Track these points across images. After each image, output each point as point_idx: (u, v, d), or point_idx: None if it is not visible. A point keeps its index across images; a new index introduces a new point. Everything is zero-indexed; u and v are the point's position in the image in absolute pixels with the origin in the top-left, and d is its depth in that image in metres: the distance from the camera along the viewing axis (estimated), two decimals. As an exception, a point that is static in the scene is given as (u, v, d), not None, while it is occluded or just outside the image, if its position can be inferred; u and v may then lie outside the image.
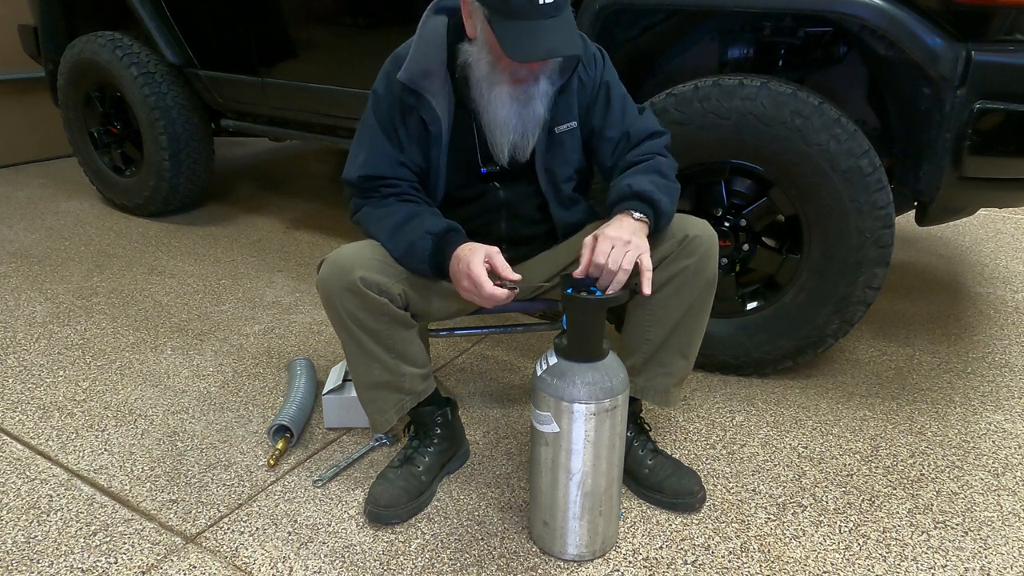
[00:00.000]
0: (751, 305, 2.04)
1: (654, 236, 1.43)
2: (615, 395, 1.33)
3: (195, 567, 1.43)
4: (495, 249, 1.37)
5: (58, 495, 1.63)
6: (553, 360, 1.34)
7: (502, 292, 1.33)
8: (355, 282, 1.38)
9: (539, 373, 1.36)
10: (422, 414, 1.62)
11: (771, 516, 1.56)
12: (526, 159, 1.50)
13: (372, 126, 1.49)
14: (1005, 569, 1.43)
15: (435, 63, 1.42)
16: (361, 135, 1.52)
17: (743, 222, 1.97)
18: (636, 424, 1.66)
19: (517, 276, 1.36)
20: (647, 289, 1.32)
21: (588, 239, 1.35)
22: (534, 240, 1.62)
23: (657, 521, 1.55)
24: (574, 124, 1.53)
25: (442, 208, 1.54)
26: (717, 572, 1.42)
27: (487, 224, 1.58)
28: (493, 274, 1.35)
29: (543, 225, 1.61)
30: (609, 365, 1.34)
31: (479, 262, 1.33)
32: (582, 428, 1.32)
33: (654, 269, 1.38)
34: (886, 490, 1.65)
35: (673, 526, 1.53)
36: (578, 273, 1.34)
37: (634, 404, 1.65)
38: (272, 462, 1.71)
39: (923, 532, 1.52)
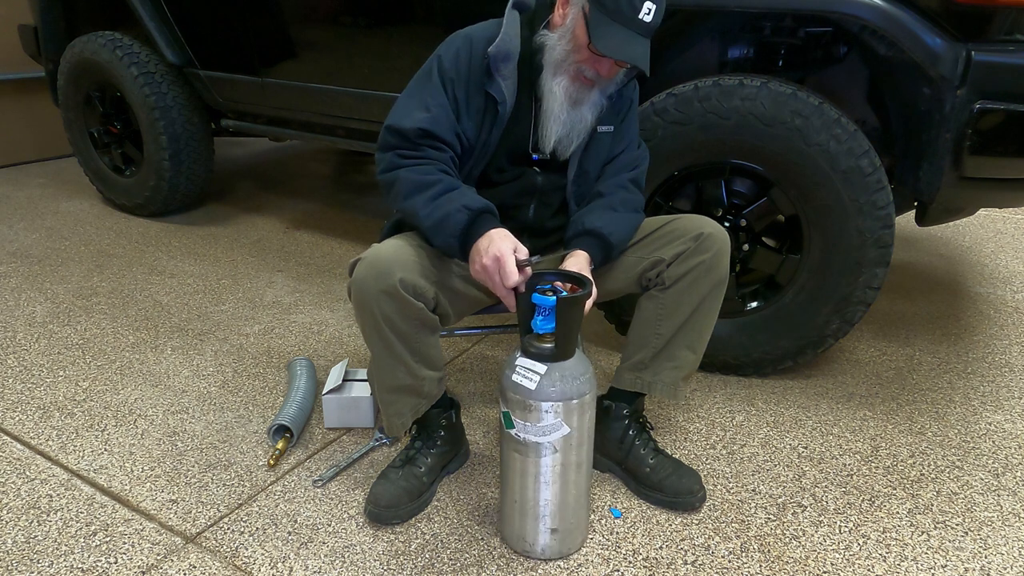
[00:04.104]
0: (751, 305, 2.03)
1: (648, 245, 1.58)
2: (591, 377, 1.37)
3: (195, 567, 1.43)
4: (523, 248, 1.37)
5: (58, 495, 1.63)
6: (542, 369, 1.32)
7: (518, 277, 1.32)
8: (395, 285, 1.36)
9: (533, 388, 1.31)
10: (428, 416, 1.61)
11: (771, 516, 1.56)
12: (565, 157, 1.55)
13: (438, 92, 1.48)
14: (1005, 569, 1.43)
15: (513, 50, 1.47)
16: (422, 93, 1.49)
17: (743, 222, 1.97)
18: (638, 423, 1.66)
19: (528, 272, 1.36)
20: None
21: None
22: (555, 232, 1.63)
23: (657, 521, 1.55)
24: (611, 128, 1.58)
25: (477, 186, 1.54)
26: (717, 572, 1.42)
27: (516, 207, 1.59)
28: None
29: (566, 219, 1.63)
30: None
31: (510, 248, 1.33)
32: (586, 418, 1.35)
33: (669, 265, 1.54)
34: (886, 490, 1.65)
35: (673, 526, 1.53)
36: None
37: (636, 402, 1.65)
38: (272, 462, 1.71)
39: (923, 532, 1.52)
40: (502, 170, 1.56)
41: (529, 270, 1.34)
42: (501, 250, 1.32)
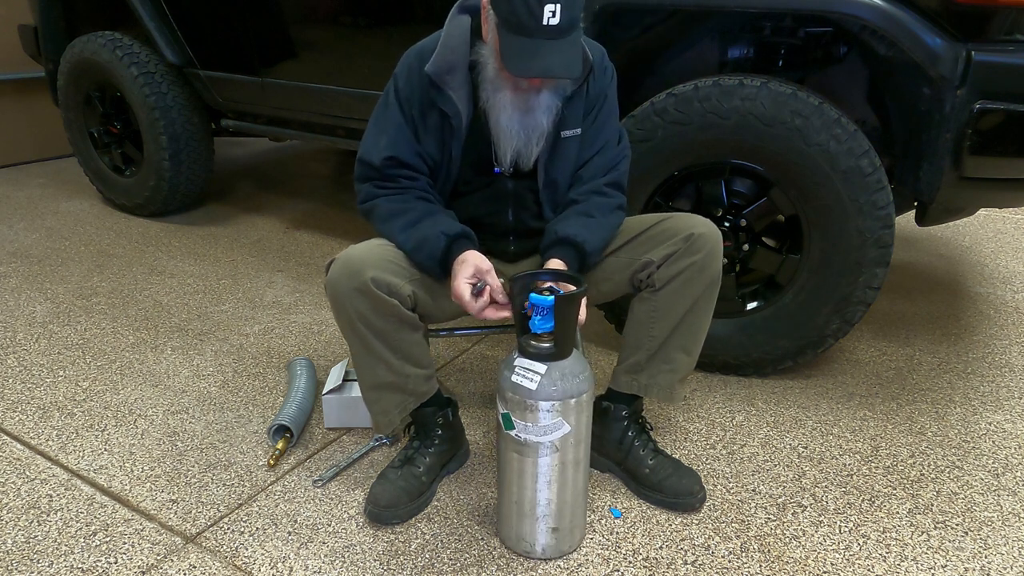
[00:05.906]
0: (751, 305, 2.03)
1: (639, 246, 1.55)
2: (590, 375, 1.37)
3: (195, 567, 1.43)
4: (488, 267, 1.40)
5: (58, 495, 1.63)
6: (542, 369, 1.32)
7: (480, 304, 1.38)
8: (366, 283, 1.38)
9: (534, 388, 1.31)
10: (423, 415, 1.61)
11: (771, 516, 1.56)
12: (529, 167, 1.52)
13: (395, 114, 1.50)
14: (1005, 569, 1.43)
15: (459, 60, 1.44)
16: (381, 119, 1.52)
17: (743, 222, 1.97)
18: (637, 424, 1.66)
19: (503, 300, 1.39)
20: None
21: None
22: (540, 234, 1.63)
23: (657, 521, 1.55)
24: (578, 131, 1.54)
25: (450, 197, 1.56)
26: (717, 572, 1.42)
27: (494, 214, 1.59)
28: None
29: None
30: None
31: (463, 277, 1.38)
32: (584, 415, 1.35)
33: (659, 267, 1.50)
34: (886, 490, 1.65)
35: (673, 526, 1.53)
36: None
37: (635, 403, 1.65)
38: (272, 462, 1.71)
39: (923, 532, 1.52)
40: (469, 182, 1.56)
41: (488, 289, 1.38)
42: (458, 288, 1.38)
